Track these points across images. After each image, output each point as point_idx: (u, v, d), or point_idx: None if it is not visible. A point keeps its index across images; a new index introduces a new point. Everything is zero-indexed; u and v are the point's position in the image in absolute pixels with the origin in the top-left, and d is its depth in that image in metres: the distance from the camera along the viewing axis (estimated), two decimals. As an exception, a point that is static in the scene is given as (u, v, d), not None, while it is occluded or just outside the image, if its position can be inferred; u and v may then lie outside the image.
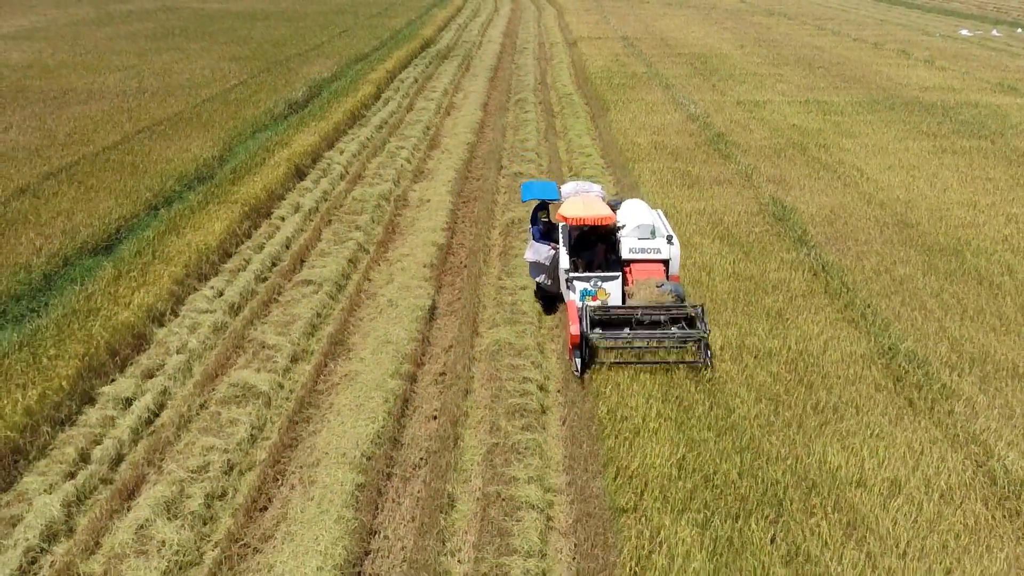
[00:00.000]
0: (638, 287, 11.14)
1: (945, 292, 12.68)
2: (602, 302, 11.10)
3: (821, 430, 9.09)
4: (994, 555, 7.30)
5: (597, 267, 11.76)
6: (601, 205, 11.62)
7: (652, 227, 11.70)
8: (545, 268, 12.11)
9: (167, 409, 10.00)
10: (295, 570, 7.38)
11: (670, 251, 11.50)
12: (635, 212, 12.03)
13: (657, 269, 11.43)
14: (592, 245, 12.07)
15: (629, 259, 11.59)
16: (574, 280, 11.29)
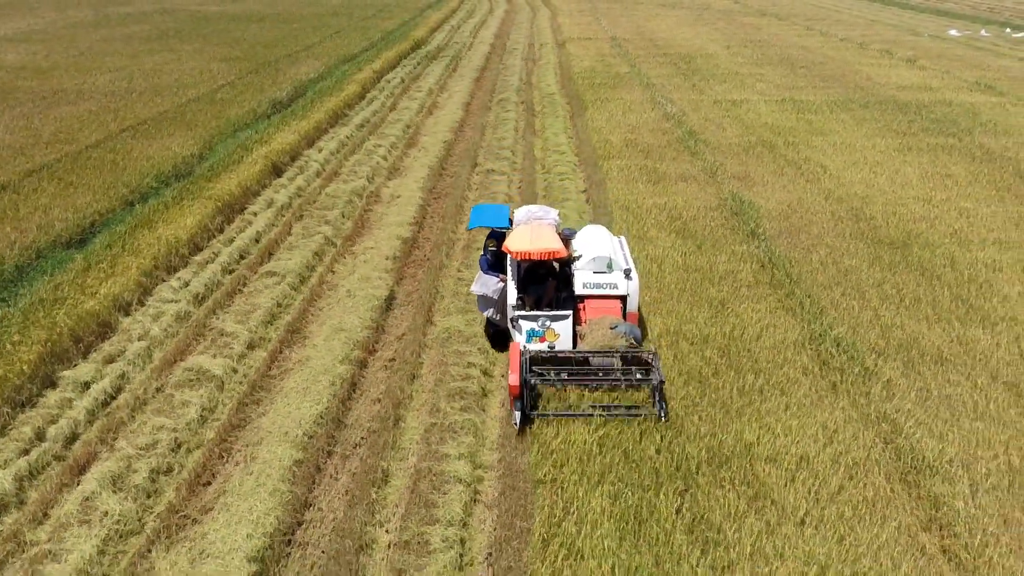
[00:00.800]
0: (591, 328, 10.15)
1: (886, 283, 13.08)
2: (550, 344, 10.24)
3: (742, 410, 9.51)
4: (886, 524, 7.72)
5: (547, 304, 10.73)
6: (550, 237, 10.43)
7: (609, 259, 10.63)
8: (493, 302, 11.06)
9: (124, 392, 10.47)
10: (226, 537, 7.84)
11: (628, 287, 10.45)
12: (592, 242, 11.03)
13: (613, 306, 10.43)
14: (542, 279, 10.98)
15: (583, 295, 10.54)
16: (520, 319, 10.27)
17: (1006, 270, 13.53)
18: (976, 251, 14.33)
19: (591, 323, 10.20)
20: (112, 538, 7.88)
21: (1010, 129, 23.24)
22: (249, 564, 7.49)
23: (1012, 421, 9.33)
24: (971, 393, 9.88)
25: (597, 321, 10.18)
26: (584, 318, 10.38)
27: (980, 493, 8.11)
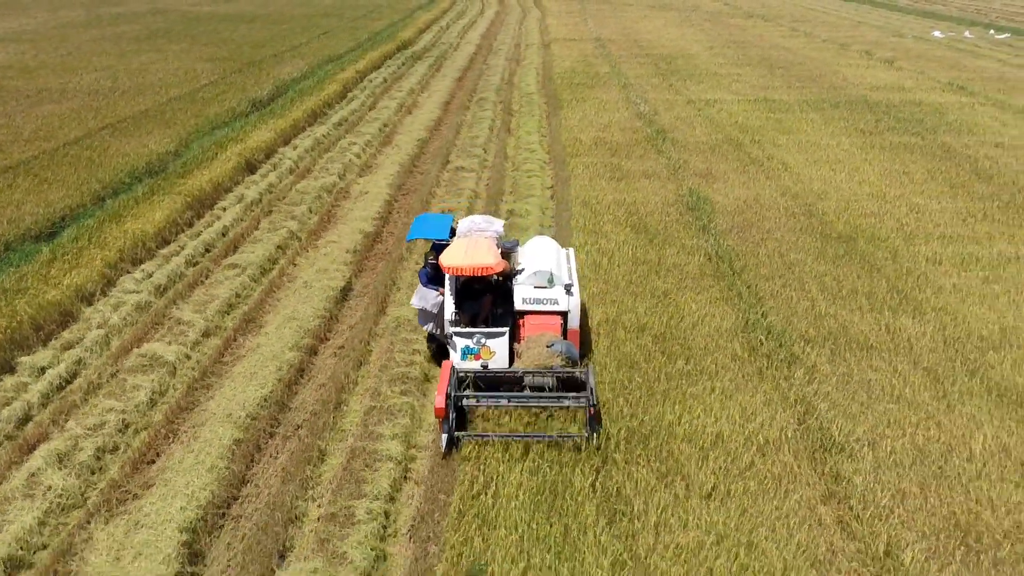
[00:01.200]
0: (528, 345, 9.91)
1: (828, 275, 13.49)
2: (483, 363, 9.88)
3: (668, 393, 9.92)
4: (788, 498, 8.12)
5: (483, 321, 10.40)
6: (486, 251, 9.95)
7: (550, 274, 10.29)
8: (433, 316, 10.67)
9: (79, 377, 10.87)
10: (161, 510, 8.24)
11: (569, 302, 10.10)
12: (536, 255, 10.75)
13: (554, 323, 10.09)
14: (478, 295, 10.64)
15: (522, 310, 10.22)
16: (455, 336, 9.96)
17: (945, 263, 13.94)
18: (920, 245, 14.74)
19: (528, 340, 9.94)
20: (53, 511, 8.29)
21: (974, 128, 23.64)
22: (180, 534, 7.89)
23: (924, 404, 9.73)
24: (890, 378, 10.29)
25: (535, 338, 9.91)
26: (523, 334, 10.09)
27: (882, 469, 8.51)
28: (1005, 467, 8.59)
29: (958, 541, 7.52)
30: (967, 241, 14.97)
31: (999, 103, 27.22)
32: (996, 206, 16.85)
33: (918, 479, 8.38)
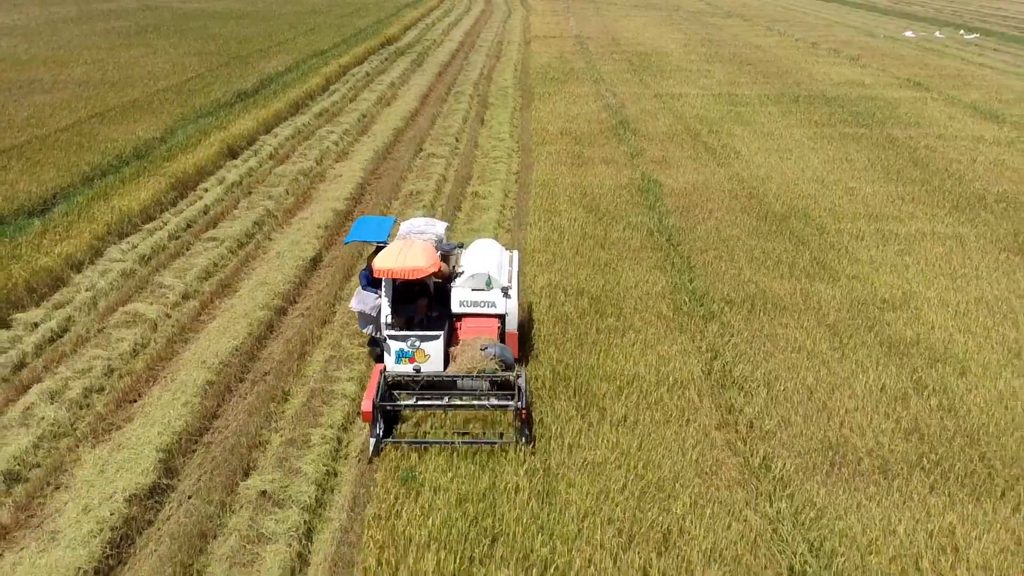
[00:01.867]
0: (463, 348, 10.00)
1: (757, 248, 14.75)
2: (416, 367, 9.92)
3: (596, 344, 11.14)
4: (688, 425, 9.35)
5: (418, 323, 10.46)
6: (420, 255, 9.86)
7: (488, 276, 10.27)
8: (372, 319, 10.62)
9: (68, 332, 12.03)
10: (140, 436, 9.42)
11: (506, 305, 10.21)
12: (477, 257, 10.74)
13: (491, 325, 10.23)
14: (413, 298, 10.72)
15: (459, 312, 10.35)
16: (389, 339, 9.93)
17: (866, 239, 15.22)
18: (846, 223, 16.02)
19: (463, 344, 10.02)
20: (46, 437, 9.45)
21: (922, 121, 24.98)
22: (157, 454, 9.07)
23: (821, 353, 10.99)
24: (795, 333, 11.55)
25: (470, 342, 9.98)
26: (459, 337, 10.20)
27: (772, 404, 9.76)
28: (880, 402, 9.85)
29: (826, 458, 8.77)
30: (890, 220, 16.26)
31: (950, 98, 28.58)
32: (924, 191, 18.15)
33: (802, 412, 9.63)
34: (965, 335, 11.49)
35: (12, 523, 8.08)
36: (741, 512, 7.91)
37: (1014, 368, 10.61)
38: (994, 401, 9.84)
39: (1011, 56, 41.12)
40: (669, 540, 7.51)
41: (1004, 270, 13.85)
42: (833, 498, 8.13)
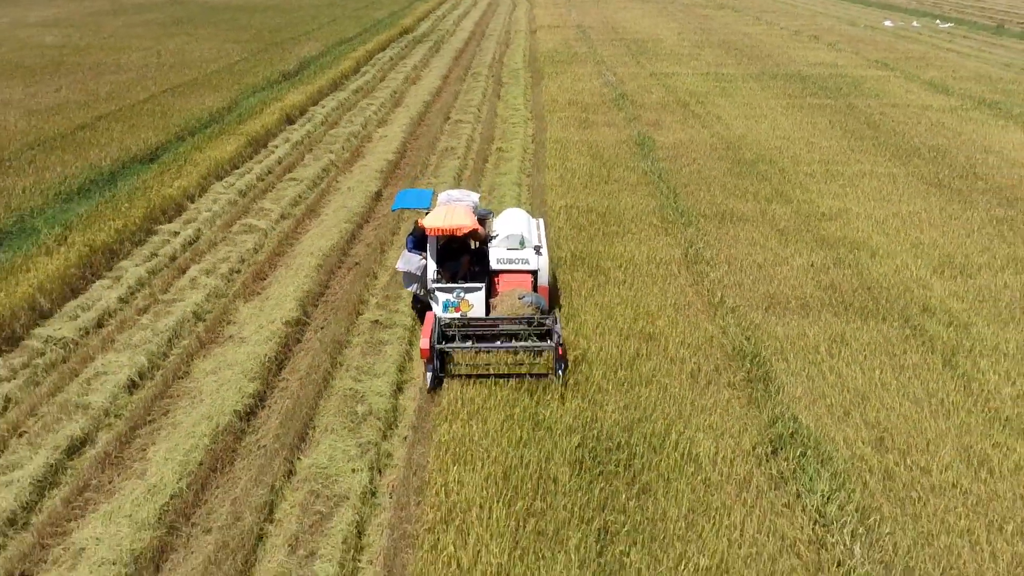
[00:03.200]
0: (501, 299, 11.22)
1: (729, 183, 18.53)
2: (463, 314, 11.16)
3: (602, 240, 14.92)
4: (668, 286, 13.13)
5: (462, 278, 11.57)
6: (463, 216, 11.23)
7: (521, 237, 11.66)
8: (417, 278, 11.83)
9: (201, 237, 15.83)
10: (280, 293, 13.21)
11: (538, 262, 11.48)
12: (509, 222, 12.17)
13: (525, 280, 11.46)
14: (456, 255, 11.82)
15: (497, 269, 11.61)
16: (436, 291, 11.23)
17: (817, 177, 18.99)
18: (803, 166, 19.81)
19: (502, 295, 11.22)
20: (211, 296, 13.25)
21: (881, 94, 28.76)
22: (294, 302, 12.82)
23: (771, 245, 14.77)
24: (752, 234, 15.34)
25: (508, 293, 11.18)
26: (498, 291, 11.42)
27: (729, 273, 13.54)
28: (808, 272, 13.64)
29: (765, 302, 12.56)
30: (839, 164, 20.05)
31: (911, 76, 32.37)
32: (871, 144, 21.94)
33: (751, 277, 13.42)
34: (880, 235, 15.29)
35: (206, 338, 11.86)
36: (702, 324, 11.72)
37: (910, 253, 14.40)
38: (891, 271, 13.65)
39: (977, 42, 44.88)
40: (654, 338, 11.31)
41: (922, 196, 17.65)
42: (765, 320, 11.93)
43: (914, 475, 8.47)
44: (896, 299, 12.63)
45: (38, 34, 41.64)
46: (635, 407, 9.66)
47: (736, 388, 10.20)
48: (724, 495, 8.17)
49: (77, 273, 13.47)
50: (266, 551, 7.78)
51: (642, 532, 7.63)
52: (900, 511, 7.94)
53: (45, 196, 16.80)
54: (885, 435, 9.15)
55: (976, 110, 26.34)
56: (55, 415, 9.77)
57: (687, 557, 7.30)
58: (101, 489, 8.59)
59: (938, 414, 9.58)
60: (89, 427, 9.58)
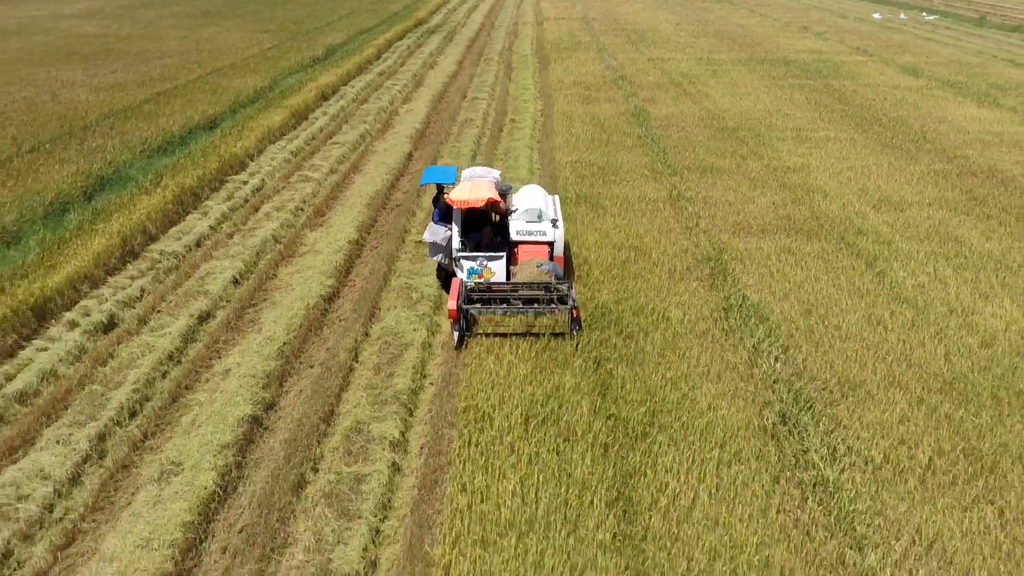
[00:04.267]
0: (521, 267, 12.09)
1: (712, 145, 21.56)
2: (486, 280, 11.98)
3: (602, 184, 17.96)
4: (655, 216, 16.17)
5: (484, 247, 12.47)
6: (486, 190, 12.09)
7: (539, 211, 12.43)
8: (442, 248, 12.66)
9: (266, 185, 18.92)
10: (338, 223, 16.28)
11: (554, 234, 12.33)
12: (527, 197, 13.02)
13: (542, 250, 12.32)
14: (480, 226, 12.73)
15: (516, 240, 12.42)
16: (461, 259, 12.08)
17: (788, 140, 22.02)
18: (777, 132, 22.83)
19: (522, 264, 12.16)
20: (284, 224, 16.30)
21: (857, 76, 31.73)
22: (351, 230, 15.89)
23: (741, 189, 17.79)
24: (728, 182, 18.37)
25: (527, 261, 12.11)
26: (517, 260, 12.35)
27: (704, 207, 16.56)
28: (769, 208, 16.66)
29: (733, 226, 15.59)
30: (808, 131, 23.07)
31: (887, 60, 35.34)
32: (839, 116, 24.96)
33: (722, 210, 16.45)
34: (834, 182, 18.32)
35: (286, 252, 14.94)
36: (679, 241, 14.78)
37: (856, 195, 17.41)
38: (837, 207, 16.68)
39: (958, 33, 47.79)
40: (640, 250, 14.36)
41: (875, 155, 20.67)
42: (731, 239, 14.96)
43: (828, 329, 11.52)
44: (837, 225, 15.67)
45: (79, 25, 44.77)
46: (623, 291, 12.72)
47: (702, 280, 13.26)
48: (687, 340, 11.23)
49: (173, 208, 16.57)
50: (356, 375, 10.86)
51: (626, 359, 10.69)
52: (814, 349, 10.99)
53: (132, 152, 19.91)
54: (811, 308, 12.20)
55: (940, 90, 29.32)
56: (182, 299, 12.87)
57: (659, 372, 10.36)
58: (230, 341, 11.69)
59: (854, 295, 12.63)
60: (210, 306, 12.67)
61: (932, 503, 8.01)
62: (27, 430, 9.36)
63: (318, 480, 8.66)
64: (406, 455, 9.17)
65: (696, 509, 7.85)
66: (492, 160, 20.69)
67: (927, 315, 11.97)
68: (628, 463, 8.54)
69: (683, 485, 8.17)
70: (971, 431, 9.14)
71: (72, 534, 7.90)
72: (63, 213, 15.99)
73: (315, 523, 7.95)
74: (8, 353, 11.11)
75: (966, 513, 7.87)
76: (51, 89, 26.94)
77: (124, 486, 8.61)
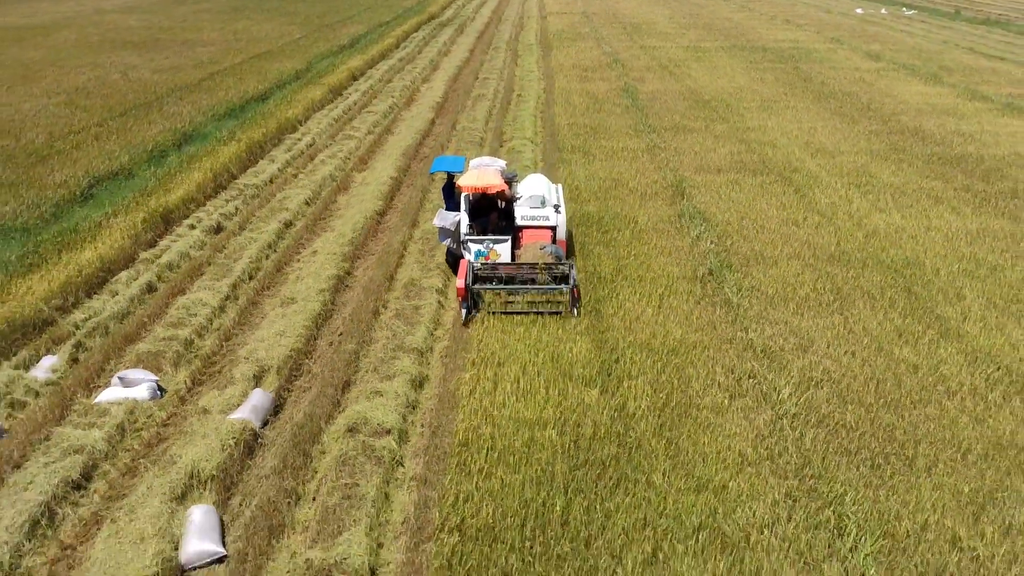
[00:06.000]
0: (525, 249, 12.81)
1: (687, 112, 25.56)
2: (492, 261, 12.65)
3: (592, 140, 21.98)
4: (635, 161, 20.19)
5: (491, 231, 13.16)
6: (493, 177, 12.81)
7: (542, 198, 13.20)
8: (450, 233, 13.30)
9: (317, 142, 22.96)
10: (381, 166, 20.33)
11: (557, 219, 13.02)
12: (532, 185, 13.77)
13: (545, 234, 12.98)
14: (486, 211, 13.39)
15: (521, 225, 13.10)
16: (469, 242, 12.73)
17: (753, 110, 26.01)
18: (745, 103, 26.82)
19: (526, 247, 12.91)
20: (337, 167, 20.34)
21: (825, 60, 35.70)
22: (391, 172, 19.92)
23: (708, 144, 21.77)
24: (698, 138, 22.34)
25: (531, 244, 12.88)
26: (522, 243, 13.07)
27: (676, 156, 20.57)
28: (728, 155, 20.66)
29: (696, 168, 19.58)
30: (772, 102, 27.06)
31: (854, 48, 39.30)
32: (801, 91, 28.94)
33: (690, 157, 20.44)
34: (784, 139, 22.30)
35: (341, 186, 18.97)
36: (651, 176, 18.78)
37: (799, 146, 21.39)
38: (781, 155, 20.66)
39: (930, 26, 51.68)
40: (619, 181, 18.34)
41: (824, 120, 24.64)
42: (692, 175, 18.93)
43: (753, 227, 15.51)
44: (779, 166, 19.68)
45: (121, 18, 48.94)
46: (605, 206, 16.73)
47: (665, 200, 17.26)
48: (648, 233, 15.22)
49: (246, 156, 20.63)
50: (407, 256, 14.88)
51: (603, 243, 14.68)
52: (741, 238, 14.98)
53: (204, 116, 24.01)
54: (744, 215, 16.20)
55: (895, 72, 33.29)
56: (268, 213, 16.92)
57: (626, 250, 14.36)
58: (311, 238, 15.73)
59: (779, 208, 16.62)
60: (291, 217, 16.71)
61: (801, 314, 12.01)
62: (182, 281, 13.42)
63: (388, 309, 12.69)
64: (447, 298, 13.19)
65: (643, 318, 11.84)
66: (502, 123, 24.77)
67: (831, 220, 15.98)
68: (598, 294, 12.56)
69: (635, 306, 12.17)
70: (839, 279, 13.15)
71: (228, 334, 11.94)
72: (163, 157, 20.09)
73: (390, 328, 11.97)
74: (151, 243, 15.18)
75: (823, 320, 11.86)
76: (120, 70, 31.06)
77: (257, 312, 12.66)
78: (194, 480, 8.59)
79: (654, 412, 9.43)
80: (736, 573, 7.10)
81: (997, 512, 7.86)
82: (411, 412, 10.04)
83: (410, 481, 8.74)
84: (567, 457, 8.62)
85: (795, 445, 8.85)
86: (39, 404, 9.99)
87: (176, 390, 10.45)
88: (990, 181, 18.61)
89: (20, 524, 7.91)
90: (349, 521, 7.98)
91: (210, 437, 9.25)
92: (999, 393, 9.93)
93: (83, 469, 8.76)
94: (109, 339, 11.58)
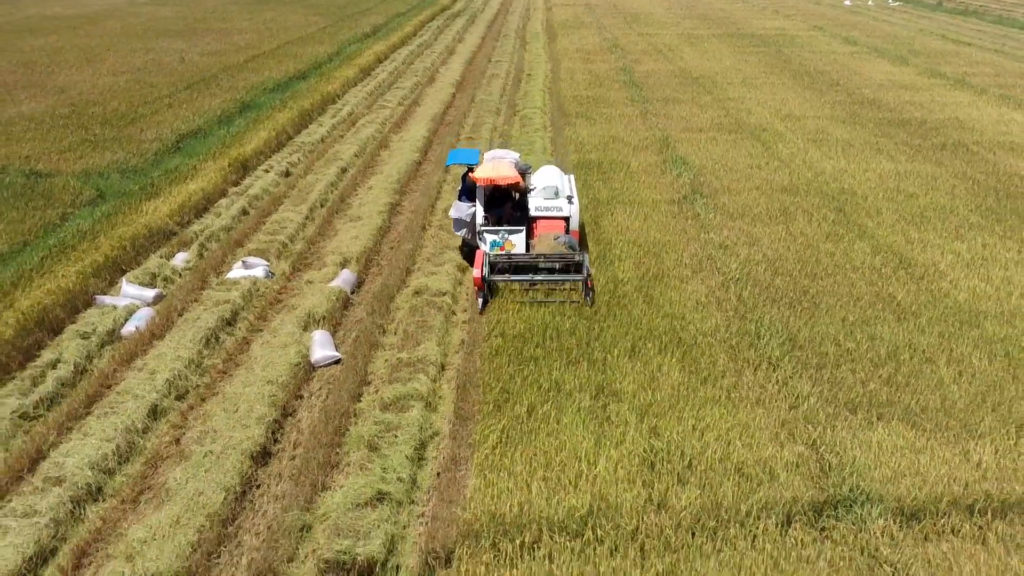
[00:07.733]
0: (539, 240, 12.96)
1: (678, 87, 29.13)
2: (507, 252, 12.77)
3: (594, 109, 25.56)
4: (630, 125, 23.78)
5: (506, 222, 13.40)
6: (508, 169, 13.03)
7: (556, 188, 13.47)
8: (466, 224, 13.53)
9: (355, 111, 26.57)
10: (414, 130, 23.93)
11: (570, 209, 13.23)
12: (545, 176, 14.07)
13: (559, 225, 13.18)
14: (501, 203, 13.67)
15: (535, 215, 13.33)
16: (484, 232, 12.92)
17: (735, 85, 29.54)
18: (730, 81, 30.36)
19: (540, 237, 13.05)
20: (375, 132, 23.96)
21: (806, 45, 39.23)
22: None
23: (693, 112, 25.34)
24: (685, 106, 25.88)
25: (544, 235, 13.05)
26: (536, 234, 13.24)
27: (665, 120, 24.15)
28: (710, 119, 24.25)
29: (681, 128, 23.16)
30: (753, 79, 30.61)
31: (835, 35, 42.80)
32: (779, 70, 32.48)
33: (676, 119, 24.00)
34: (759, 107, 25.85)
35: (382, 144, 22.59)
36: (643, 133, 22.35)
37: (771, 112, 24.94)
38: (755, 119, 24.23)
39: (911, 16, 55.11)
40: (616, 137, 21.90)
41: (795, 92, 28.18)
42: (677, 133, 22.48)
43: (724, 169, 19.08)
44: (751, 128, 23.25)
45: (156, 10, 52.56)
46: (604, 155, 20.31)
47: (654, 151, 20.85)
48: (639, 175, 18.82)
49: (299, 121, 24.26)
50: (443, 191, 18.49)
51: (601, 180, 18.26)
52: (713, 177, 18.56)
53: (256, 91, 27.64)
54: (718, 161, 19.79)
55: (868, 54, 36.81)
56: (325, 163, 20.54)
57: (621, 185, 17.96)
58: (366, 180, 19.34)
59: (747, 157, 20.19)
60: (345, 165, 20.35)
61: (753, 224, 15.61)
62: (268, 207, 17.06)
63: (432, 225, 16.30)
64: (478, 218, 16.81)
65: (631, 227, 15.45)
66: (514, 96, 28.36)
67: (788, 165, 19.56)
68: (597, 212, 16.18)
69: (625, 220, 15.76)
70: (787, 203, 16.75)
71: (313, 240, 15.56)
72: (230, 121, 23.71)
73: (436, 237, 15.58)
74: (236, 183, 18.82)
75: (770, 228, 15.44)
76: (172, 54, 34.69)
77: (331, 227, 16.28)
78: (311, 318, 12.22)
79: (636, 279, 13.03)
80: (688, 358, 10.71)
81: (868, 328, 11.48)
82: (458, 285, 13.65)
83: (462, 323, 12.34)
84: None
85: (735, 296, 12.47)
86: (184, 279, 13.63)
87: (283, 273, 14.08)
88: (927, 138, 22.18)
89: (198, 339, 11.55)
90: (423, 338, 11.60)
91: (317, 295, 12.90)
92: (890, 268, 13.54)
93: (232, 312, 12.40)
94: (223, 242, 15.22)
